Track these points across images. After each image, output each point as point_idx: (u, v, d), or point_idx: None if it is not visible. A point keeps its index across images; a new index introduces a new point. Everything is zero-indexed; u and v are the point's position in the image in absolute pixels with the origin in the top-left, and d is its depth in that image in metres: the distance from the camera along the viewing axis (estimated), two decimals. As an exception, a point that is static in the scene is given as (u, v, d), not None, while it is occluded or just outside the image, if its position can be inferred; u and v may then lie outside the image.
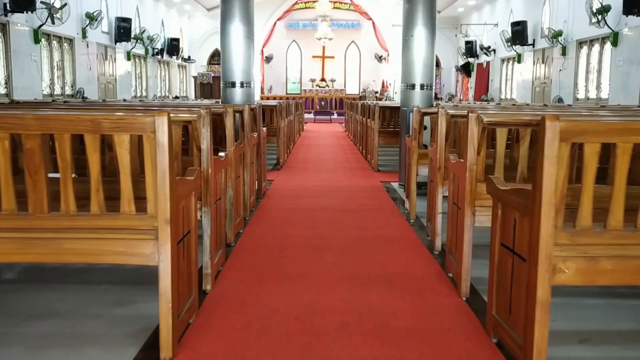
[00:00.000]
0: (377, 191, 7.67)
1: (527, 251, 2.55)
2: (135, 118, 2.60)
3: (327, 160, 11.19)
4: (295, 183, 8.27)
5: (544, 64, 18.10)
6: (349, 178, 8.80)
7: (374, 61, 29.71)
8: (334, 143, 15.10)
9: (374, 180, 8.59)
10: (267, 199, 6.95)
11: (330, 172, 9.48)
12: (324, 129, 21.23)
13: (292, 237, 5.05)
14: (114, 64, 18.52)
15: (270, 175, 8.75)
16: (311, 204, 6.66)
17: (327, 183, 8.29)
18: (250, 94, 7.92)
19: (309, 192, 7.49)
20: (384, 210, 6.40)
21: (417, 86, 7.79)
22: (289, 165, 10.23)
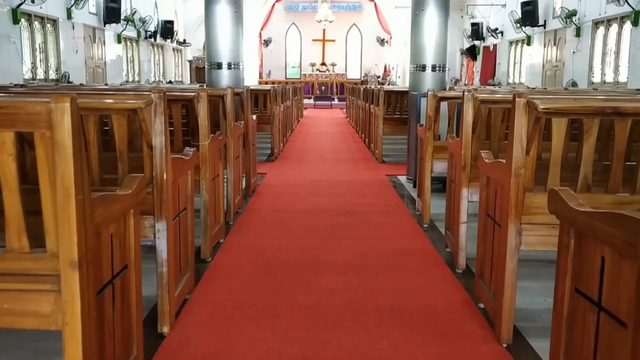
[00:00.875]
0: (382, 187, 6.72)
1: (633, 315, 1.60)
2: (19, 106, 1.65)
3: (326, 149, 10.23)
4: (291, 177, 7.32)
5: (555, 46, 17.06)
6: (351, 171, 7.85)
7: (376, 45, 28.60)
8: (335, 130, 14.12)
9: (379, 173, 7.64)
10: (256, 197, 6.01)
11: (330, 163, 8.53)
12: (324, 115, 20.23)
13: (281, 252, 4.11)
14: (103, 47, 17.49)
15: (263, 168, 7.81)
16: (307, 205, 5.72)
17: (326, 177, 7.34)
18: (239, 76, 6.96)
19: (305, 189, 6.54)
20: (391, 212, 5.46)
21: (428, 67, 6.81)
22: (285, 155, 9.27)
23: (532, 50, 18.61)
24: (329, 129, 14.71)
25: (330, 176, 7.39)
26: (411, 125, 6.74)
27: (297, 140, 11.71)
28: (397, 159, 8.89)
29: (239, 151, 5.30)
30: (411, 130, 6.75)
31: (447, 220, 4.23)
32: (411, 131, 6.75)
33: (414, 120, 6.54)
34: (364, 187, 6.69)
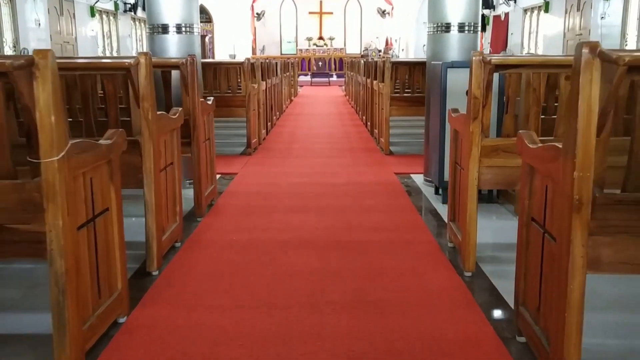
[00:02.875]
0: (392, 194, 4.77)
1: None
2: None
3: (320, 136, 8.25)
4: (269, 179, 5.38)
5: (579, 12, 14.95)
6: (350, 168, 5.89)
7: (377, 16, 26.35)
8: (332, 111, 12.11)
9: (386, 170, 5.69)
10: (211, 217, 4.08)
11: (324, 156, 6.57)
12: (321, 93, 18.18)
13: (221, 349, 2.19)
14: (72, 21, 15.43)
15: (234, 166, 5.86)
16: (283, 231, 3.79)
17: (316, 179, 5.39)
18: (193, 42, 4.98)
19: (286, 200, 4.60)
20: (411, 244, 3.52)
21: (453, 27, 4.82)
22: (267, 146, 7.30)
23: (551, 17, 16.50)
24: (325, 109, 12.70)
25: (322, 177, 5.44)
26: (432, 108, 4.77)
27: (285, 124, 9.73)
28: (409, 148, 6.93)
29: (174, 156, 3.35)
30: (431, 113, 4.78)
31: (523, 286, 2.27)
32: (431, 115, 4.78)
33: (436, 100, 4.58)
34: (367, 195, 4.74)
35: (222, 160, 6.14)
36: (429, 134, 4.98)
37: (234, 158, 6.39)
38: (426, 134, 5.15)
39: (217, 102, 6.40)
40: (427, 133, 5.11)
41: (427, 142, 5.06)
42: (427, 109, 5.09)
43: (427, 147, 5.08)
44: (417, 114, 6.52)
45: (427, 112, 5.10)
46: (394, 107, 6.45)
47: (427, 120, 5.06)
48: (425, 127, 5.21)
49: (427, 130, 5.12)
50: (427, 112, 5.10)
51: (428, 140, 5.02)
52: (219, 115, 6.43)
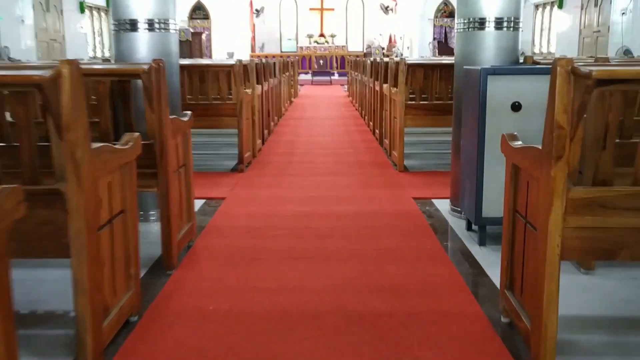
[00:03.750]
0: (414, 231, 3.81)
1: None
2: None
3: (323, 146, 7.28)
4: (262, 207, 4.41)
5: (597, 7, 13.98)
6: (359, 191, 4.93)
7: (380, 13, 25.33)
8: (334, 115, 11.14)
9: (403, 194, 4.74)
10: (184, 270, 3.12)
11: (327, 174, 5.60)
12: (322, 93, 17.20)
13: None
14: (60, 17, 14.46)
15: (222, 187, 4.92)
16: (275, 295, 2.83)
17: (319, 206, 4.44)
18: (168, 42, 4.02)
19: (280, 241, 3.64)
20: (449, 316, 2.56)
21: (489, 22, 3.87)
22: (263, 159, 6.34)
23: (565, 13, 15.54)
24: (328, 112, 11.72)
25: (326, 204, 4.47)
26: (464, 122, 3.80)
27: (284, 130, 8.76)
28: (426, 163, 5.99)
29: (124, 201, 2.40)
30: (464, 129, 3.82)
31: None
32: (464, 132, 3.82)
33: (471, 113, 3.62)
34: (382, 232, 3.78)
35: (209, 180, 5.19)
36: (459, 153, 4.02)
37: (223, 176, 5.43)
38: (454, 151, 4.19)
39: (204, 111, 5.45)
40: (455, 151, 4.15)
41: (457, 162, 4.11)
42: (455, 123, 4.13)
43: (456, 169, 4.13)
44: (435, 124, 5.57)
45: (455, 126, 4.14)
46: (410, 116, 5.49)
47: (457, 137, 4.10)
48: (452, 144, 4.25)
49: (455, 147, 4.16)
50: (455, 126, 4.14)
51: (458, 160, 4.07)
52: (206, 126, 5.49)
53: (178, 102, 4.13)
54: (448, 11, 23.36)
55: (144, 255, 3.24)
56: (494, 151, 3.39)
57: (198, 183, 5.12)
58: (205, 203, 4.51)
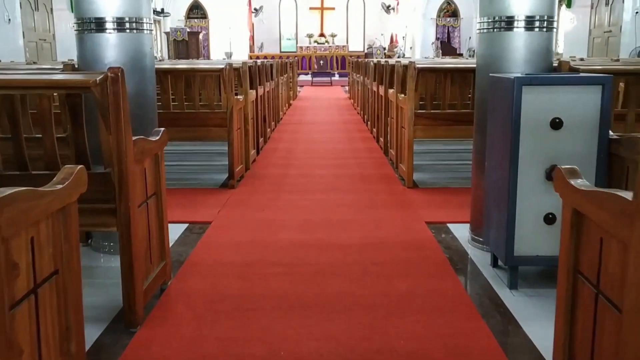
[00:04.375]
0: (431, 269, 3.20)
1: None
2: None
3: (323, 156, 6.67)
4: (252, 234, 3.80)
5: (607, 6, 13.39)
6: (363, 213, 4.32)
7: (381, 12, 24.71)
8: (335, 120, 10.52)
9: (414, 217, 4.13)
10: (152, 327, 2.51)
11: (328, 191, 4.99)
12: (322, 94, 16.59)
13: None
14: (50, 16, 13.85)
15: (209, 207, 4.31)
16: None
17: (318, 234, 3.83)
18: (141, 44, 3.41)
19: (273, 282, 3.03)
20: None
21: (519, 21, 3.27)
22: (257, 172, 5.73)
23: (574, 13, 14.94)
24: (328, 116, 11.11)
25: (326, 231, 3.86)
26: (490, 140, 3.19)
27: (282, 137, 8.15)
28: (437, 177, 5.41)
29: (61, 259, 1.79)
30: (489, 149, 3.21)
31: None
32: (490, 152, 3.21)
33: (500, 131, 3.02)
34: (393, 269, 3.17)
35: (194, 198, 4.59)
36: (481, 170, 3.42)
37: (210, 194, 4.82)
38: (475, 169, 3.59)
39: (190, 121, 4.86)
40: (477, 168, 3.55)
41: (478, 182, 3.51)
42: (478, 136, 3.53)
43: (478, 190, 3.53)
44: (449, 135, 4.97)
45: (478, 140, 3.53)
46: (420, 126, 4.88)
47: (479, 152, 3.49)
48: (473, 160, 3.64)
49: (477, 164, 3.56)
50: (478, 140, 3.53)
51: (480, 179, 3.47)
52: (192, 137, 4.89)
53: (153, 115, 3.53)
54: (451, 10, 22.75)
55: (107, 304, 2.66)
56: (530, 177, 2.80)
57: (181, 203, 4.53)
58: (187, 229, 3.91)
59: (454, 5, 22.63)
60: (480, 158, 3.44)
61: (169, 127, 4.91)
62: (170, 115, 4.90)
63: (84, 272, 1.96)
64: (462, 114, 4.78)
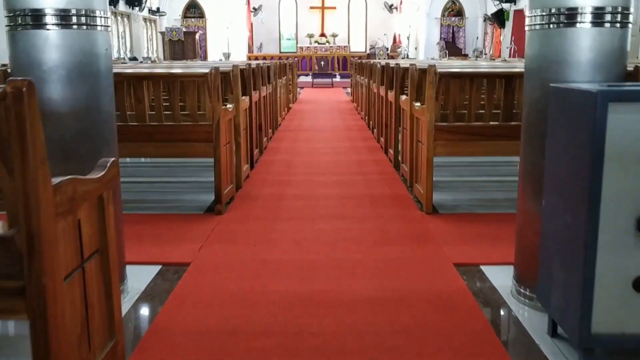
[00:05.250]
0: (467, 339, 2.41)
1: None
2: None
3: (326, 171, 5.87)
4: (239, 284, 3.01)
5: (625, 4, 12.53)
6: (375, 250, 3.52)
7: (384, 11, 23.92)
8: (337, 126, 9.73)
9: (437, 257, 3.34)
10: None
11: (332, 218, 4.20)
12: (323, 97, 15.81)
13: None
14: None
15: (190, 240, 3.52)
16: None
17: (321, 284, 3.05)
18: (93, 43, 2.62)
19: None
20: None
21: (583, 15, 2.48)
22: (249, 191, 4.94)
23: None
24: (330, 121, 10.33)
25: (333, 280, 3.07)
26: (559, 173, 2.40)
27: (280, 146, 7.37)
28: (459, 197, 4.63)
29: None
30: (559, 184, 2.42)
31: None
32: (560, 187, 2.42)
33: (570, 160, 2.23)
34: (418, 342, 2.38)
35: (172, 229, 3.81)
36: (534, 207, 2.64)
37: (193, 222, 4.04)
38: (524, 202, 2.80)
39: (169, 135, 4.07)
40: (526, 201, 2.77)
41: (527, 220, 2.72)
42: (527, 161, 2.74)
43: (527, 231, 2.74)
44: (476, 152, 4.19)
45: (526, 166, 2.75)
46: (441, 142, 4.09)
47: (530, 182, 2.71)
48: (520, 190, 2.86)
49: (525, 196, 2.78)
50: (526, 166, 2.75)
51: (530, 218, 2.68)
52: (171, 154, 4.12)
53: (111, 135, 2.73)
54: (455, 10, 21.98)
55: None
56: (615, 227, 2.01)
57: (156, 235, 3.74)
58: (159, 273, 3.14)
59: (459, 4, 21.85)
60: (532, 186, 2.66)
61: (144, 143, 4.16)
62: (146, 129, 4.12)
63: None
64: (496, 128, 4.01)
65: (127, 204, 4.57)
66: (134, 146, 4.14)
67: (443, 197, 4.60)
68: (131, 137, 4.10)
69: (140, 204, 4.60)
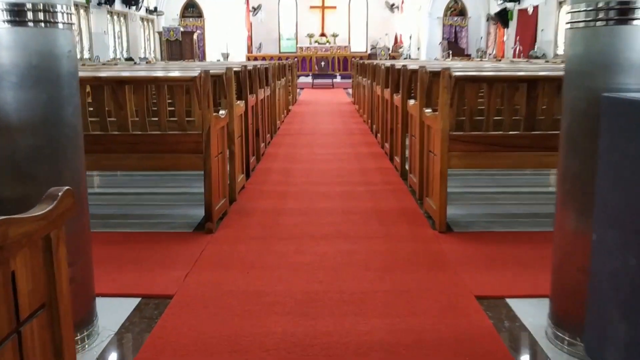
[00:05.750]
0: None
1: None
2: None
3: (326, 183, 5.43)
4: (227, 327, 2.59)
5: (635, 3, 12.11)
6: (385, 277, 3.10)
7: (385, 11, 23.50)
8: (339, 130, 9.31)
9: (455, 287, 2.92)
10: None
11: (333, 239, 3.77)
12: (324, 98, 15.38)
13: None
14: (28, 14, 12.62)
15: (174, 267, 3.10)
16: None
17: (322, 324, 2.62)
18: (52, 44, 2.19)
19: None
20: None
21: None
22: (244, 205, 4.52)
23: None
24: (331, 125, 9.91)
25: (333, 317, 2.65)
26: (612, 196, 1.97)
27: (278, 153, 6.94)
28: (471, 208, 4.20)
29: None
30: (613, 207, 2.00)
31: None
32: (613, 212, 1.99)
33: (621, 183, 1.81)
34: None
35: (157, 250, 3.40)
36: (575, 231, 2.22)
37: (180, 242, 3.61)
38: (562, 225, 2.38)
39: (155, 146, 3.66)
40: (565, 225, 2.35)
41: (565, 251, 2.30)
42: (566, 178, 2.31)
43: (567, 265, 2.31)
44: (496, 164, 3.77)
45: (565, 184, 2.32)
46: (456, 153, 3.67)
47: (571, 203, 2.28)
48: (557, 213, 2.43)
49: (565, 218, 2.35)
50: (565, 184, 2.32)
51: (570, 250, 2.26)
52: (157, 167, 3.70)
53: (75, 152, 2.31)
54: (458, 9, 21.56)
55: None
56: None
57: (138, 259, 3.31)
58: (137, 307, 2.72)
59: (461, 3, 21.43)
60: (574, 208, 2.24)
61: (127, 154, 3.72)
62: (128, 139, 3.70)
63: None
64: (514, 138, 3.59)
65: (110, 219, 4.16)
66: (115, 158, 3.72)
67: (456, 211, 4.18)
68: (111, 147, 3.68)
69: (124, 219, 4.17)
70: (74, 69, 2.31)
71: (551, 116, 3.70)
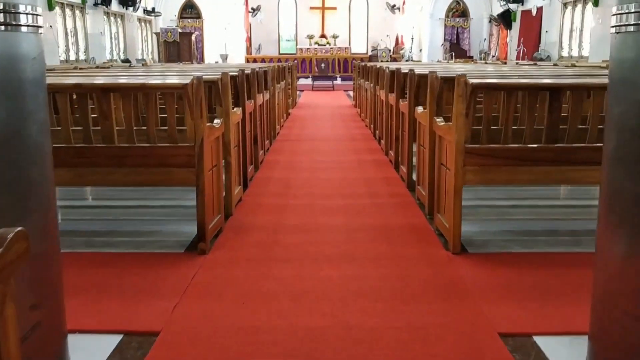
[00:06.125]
0: None
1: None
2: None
3: (328, 196, 5.09)
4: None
5: None
6: (395, 309, 2.78)
7: (386, 12, 23.19)
8: (340, 135, 8.99)
9: (476, 321, 2.60)
10: None
11: (337, 261, 3.45)
12: (324, 101, 15.07)
13: None
14: (21, 15, 12.30)
15: (162, 297, 2.77)
16: None
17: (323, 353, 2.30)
18: (14, 51, 1.86)
19: None
20: None
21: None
22: (241, 220, 4.20)
23: (603, 11, 13.41)
24: (332, 130, 9.58)
25: (338, 355, 2.34)
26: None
27: (278, 161, 6.62)
28: (486, 224, 3.87)
29: None
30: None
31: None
32: None
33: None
34: None
35: (144, 276, 3.07)
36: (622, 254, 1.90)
37: (170, 265, 3.29)
38: (605, 250, 2.06)
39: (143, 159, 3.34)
40: (610, 252, 2.03)
41: (613, 296, 1.98)
42: (610, 196, 1.99)
43: (612, 308, 2.00)
44: (516, 180, 3.45)
45: (609, 202, 2.00)
46: (472, 167, 3.35)
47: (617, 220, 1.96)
48: (599, 235, 2.11)
49: (609, 242, 2.03)
50: (609, 202, 2.00)
51: (617, 294, 1.94)
52: (145, 182, 3.38)
53: (43, 177, 1.98)
54: (460, 10, 21.27)
55: None
56: None
57: (122, 287, 2.98)
58: (117, 349, 2.39)
59: (463, 4, 21.13)
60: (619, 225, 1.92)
61: (112, 168, 3.40)
62: (113, 152, 3.38)
63: None
64: (536, 151, 3.27)
65: (95, 237, 3.83)
66: (101, 172, 3.40)
67: (469, 228, 3.85)
68: (96, 161, 3.35)
69: (110, 237, 3.85)
70: (41, 79, 1.99)
71: (575, 126, 3.39)
